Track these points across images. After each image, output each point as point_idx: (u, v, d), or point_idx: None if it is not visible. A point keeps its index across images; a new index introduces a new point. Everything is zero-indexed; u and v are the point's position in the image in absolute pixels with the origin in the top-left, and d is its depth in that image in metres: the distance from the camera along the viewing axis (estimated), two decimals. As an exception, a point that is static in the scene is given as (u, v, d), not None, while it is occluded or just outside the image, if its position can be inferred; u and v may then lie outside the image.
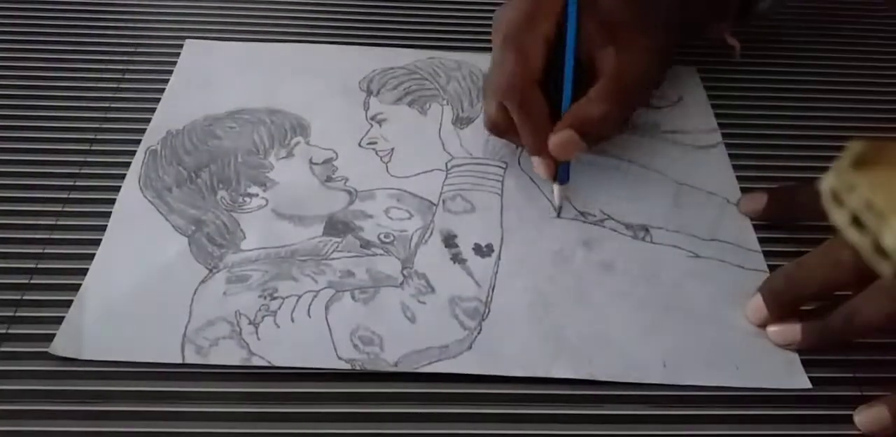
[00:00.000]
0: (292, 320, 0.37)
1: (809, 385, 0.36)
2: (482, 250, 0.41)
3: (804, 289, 0.36)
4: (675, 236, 0.42)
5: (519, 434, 0.34)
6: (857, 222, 0.24)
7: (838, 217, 0.25)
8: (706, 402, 0.36)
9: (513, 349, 0.37)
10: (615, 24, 0.42)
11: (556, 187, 0.42)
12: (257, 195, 0.43)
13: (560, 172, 0.42)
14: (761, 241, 0.42)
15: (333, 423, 0.34)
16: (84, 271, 0.39)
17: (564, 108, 0.41)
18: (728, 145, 0.47)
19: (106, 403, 0.34)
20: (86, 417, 0.34)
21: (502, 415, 0.35)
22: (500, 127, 0.43)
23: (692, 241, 0.42)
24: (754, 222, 0.43)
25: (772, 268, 0.41)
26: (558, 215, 0.42)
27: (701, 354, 0.37)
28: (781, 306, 0.37)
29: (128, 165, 0.44)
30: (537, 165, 0.42)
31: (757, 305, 0.38)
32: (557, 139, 0.40)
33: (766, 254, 0.41)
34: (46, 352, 0.35)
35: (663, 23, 0.43)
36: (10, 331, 0.37)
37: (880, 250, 0.24)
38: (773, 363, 0.37)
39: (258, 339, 0.36)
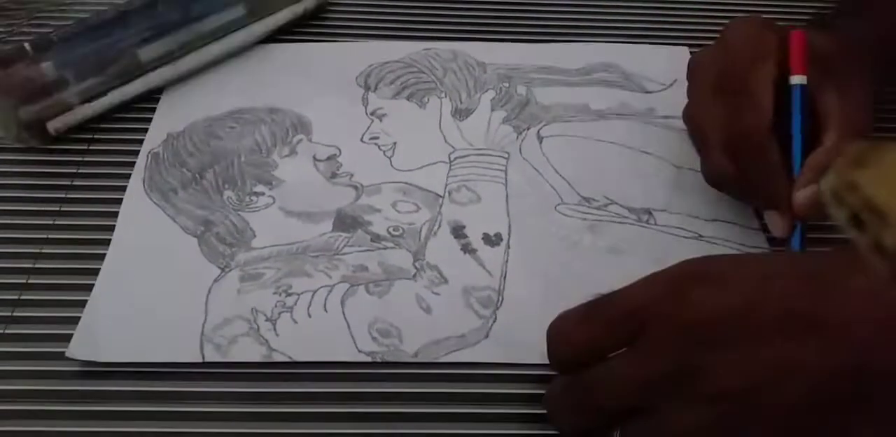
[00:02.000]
0: (309, 316, 0.37)
1: None
2: (491, 240, 0.41)
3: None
4: (678, 218, 0.43)
5: (521, 434, 0.34)
6: (857, 221, 0.25)
7: (838, 217, 0.25)
8: None
9: (529, 336, 0.37)
10: (833, 65, 0.39)
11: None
12: (264, 194, 0.43)
13: (797, 238, 0.38)
14: (760, 217, 0.43)
15: (341, 423, 0.34)
16: (81, 272, 0.39)
17: (796, 162, 0.38)
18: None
19: (105, 403, 0.35)
20: (84, 417, 0.34)
21: (504, 415, 0.35)
22: (728, 179, 0.39)
23: (694, 222, 0.42)
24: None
25: (771, 244, 0.41)
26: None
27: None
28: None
29: (125, 165, 0.44)
30: (773, 220, 0.39)
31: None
32: (805, 194, 0.36)
33: (765, 227, 0.42)
34: (44, 352, 0.36)
35: (873, 62, 0.41)
36: (7, 331, 0.37)
37: (880, 250, 0.24)
38: None
39: (277, 335, 0.37)
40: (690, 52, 0.51)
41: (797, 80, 0.39)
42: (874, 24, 0.42)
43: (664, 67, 0.50)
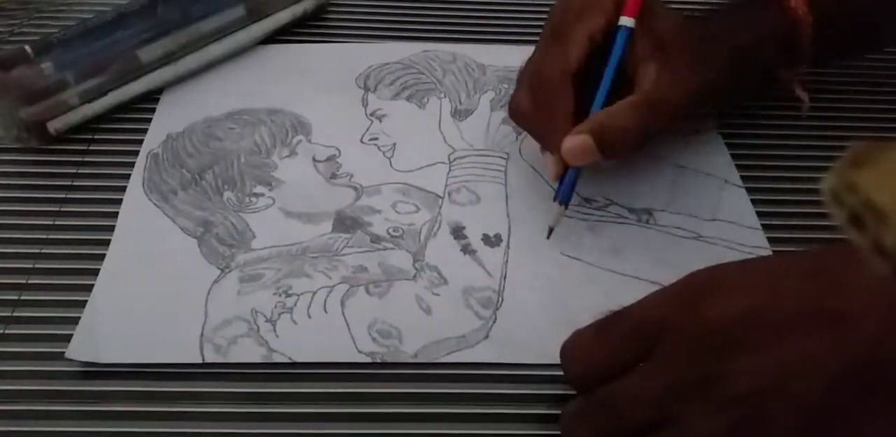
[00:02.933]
0: (309, 317, 0.37)
1: None
2: (491, 240, 0.41)
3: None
4: (678, 218, 0.43)
5: (519, 434, 0.34)
6: (856, 221, 0.25)
7: (838, 217, 0.25)
8: None
9: (529, 337, 0.37)
10: (669, 43, 0.40)
11: (554, 207, 0.40)
12: (264, 195, 0.43)
13: (563, 189, 0.40)
14: (761, 217, 0.43)
15: (341, 423, 0.34)
16: (81, 272, 0.39)
17: (598, 102, 0.40)
18: (723, 135, 0.47)
19: (105, 403, 0.35)
20: (84, 417, 0.34)
21: (503, 415, 0.35)
22: (522, 115, 0.41)
23: (694, 222, 0.43)
24: (752, 197, 0.44)
25: (771, 244, 0.41)
26: (548, 237, 0.40)
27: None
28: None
29: (125, 166, 0.44)
30: (549, 163, 0.41)
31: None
32: (571, 142, 0.38)
33: (766, 227, 0.42)
34: (44, 352, 0.36)
35: (722, 56, 0.42)
36: (7, 331, 0.37)
37: (880, 250, 0.24)
38: None
39: (277, 336, 0.37)
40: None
41: (623, 21, 0.40)
42: (742, 25, 0.43)
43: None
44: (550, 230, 0.40)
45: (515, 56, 0.51)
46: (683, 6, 0.54)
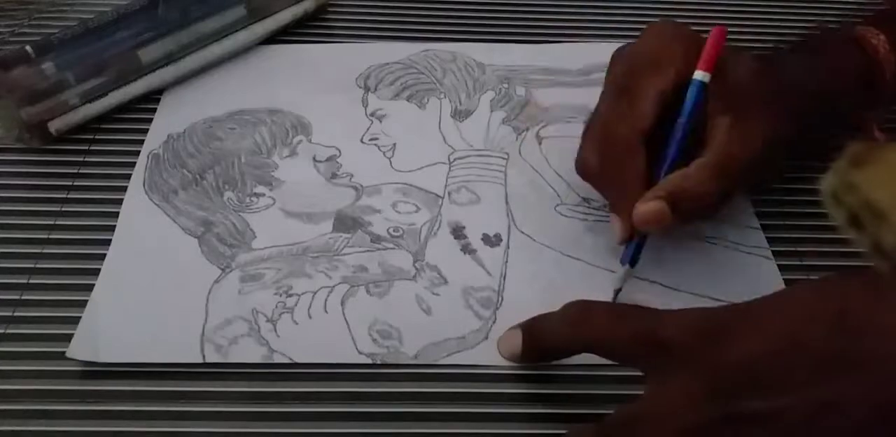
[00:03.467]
0: (310, 317, 0.38)
1: None
2: (491, 240, 0.41)
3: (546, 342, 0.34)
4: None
5: (519, 434, 0.35)
6: (856, 221, 0.25)
7: (837, 217, 0.25)
8: None
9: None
10: (741, 93, 0.39)
11: (621, 269, 0.38)
12: (264, 195, 0.43)
13: (631, 251, 0.38)
14: (761, 217, 0.43)
15: (341, 422, 0.34)
16: (82, 272, 0.39)
17: (662, 173, 0.38)
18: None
19: (106, 403, 0.35)
20: (85, 417, 0.34)
21: (503, 415, 0.35)
22: (592, 174, 0.40)
23: (694, 222, 0.43)
24: (751, 197, 0.44)
25: (771, 244, 0.41)
26: (614, 299, 0.38)
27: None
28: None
29: (126, 166, 0.44)
30: (615, 224, 0.39)
31: (512, 340, 0.35)
32: (646, 208, 0.37)
33: (766, 227, 0.42)
34: (45, 352, 0.36)
35: (802, 104, 0.40)
36: (8, 331, 0.37)
37: (879, 250, 0.24)
38: None
39: (277, 336, 0.37)
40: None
41: (698, 75, 0.39)
42: (821, 68, 0.41)
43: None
44: (616, 293, 0.38)
45: (515, 55, 0.51)
46: (752, 39, 0.53)
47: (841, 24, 0.43)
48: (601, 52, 0.51)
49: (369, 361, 0.36)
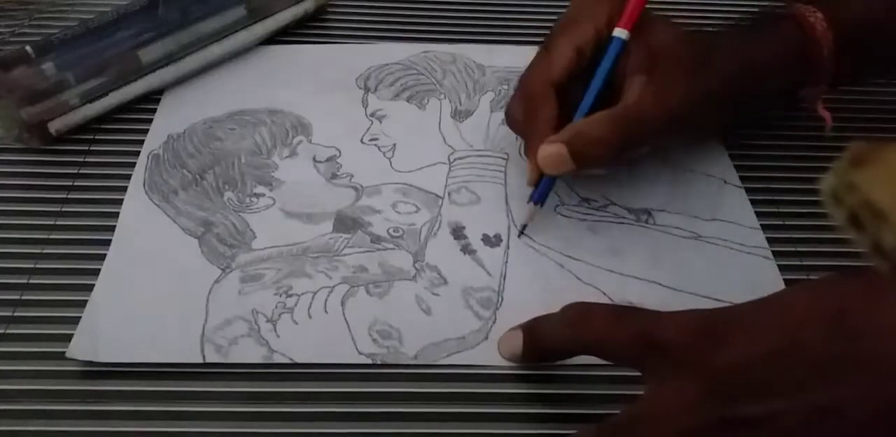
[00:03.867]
0: (310, 317, 0.37)
1: None
2: (491, 240, 0.41)
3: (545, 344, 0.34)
4: (677, 218, 0.43)
5: (519, 434, 0.35)
6: (856, 221, 0.25)
7: (838, 217, 0.25)
8: None
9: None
10: (662, 56, 0.40)
11: (528, 207, 0.41)
12: (264, 195, 0.43)
13: (539, 190, 0.41)
14: (761, 217, 0.43)
15: (341, 422, 0.35)
16: (82, 272, 0.39)
17: (582, 110, 0.40)
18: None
19: (106, 403, 0.35)
20: (85, 417, 0.34)
21: (502, 415, 0.35)
22: (514, 121, 0.42)
23: (693, 222, 0.43)
24: (751, 198, 0.44)
25: (771, 244, 0.42)
26: (520, 235, 0.41)
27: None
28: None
29: (126, 166, 0.44)
30: (527, 166, 0.41)
31: (512, 341, 0.35)
32: (545, 151, 0.38)
33: (765, 227, 0.42)
34: (45, 352, 0.36)
35: (729, 69, 0.41)
36: (8, 331, 0.37)
37: (879, 250, 0.24)
38: None
39: (277, 336, 0.37)
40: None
41: (617, 32, 0.40)
42: (756, 42, 0.42)
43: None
44: (523, 227, 0.41)
45: (515, 57, 0.51)
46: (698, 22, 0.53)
47: (781, 3, 0.43)
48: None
49: (369, 361, 0.36)
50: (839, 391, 0.27)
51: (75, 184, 0.43)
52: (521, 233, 0.41)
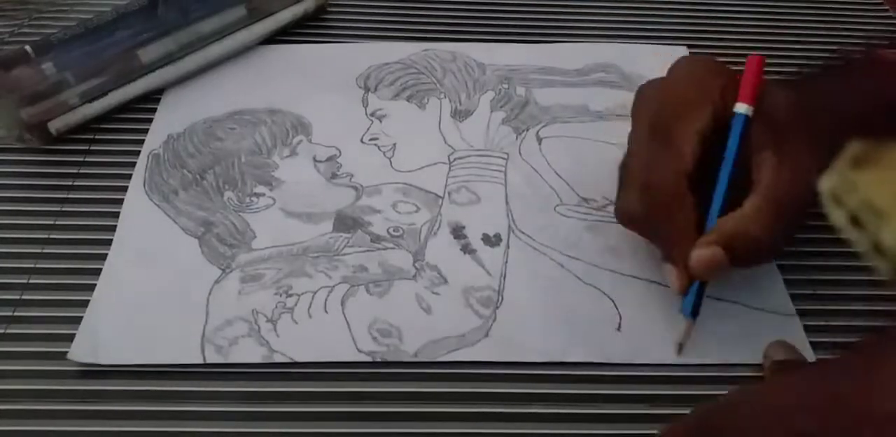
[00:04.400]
0: (310, 316, 0.38)
1: (814, 358, 0.37)
2: (490, 240, 0.41)
3: None
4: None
5: (519, 434, 0.35)
6: (856, 221, 0.25)
7: (838, 217, 0.25)
8: (705, 401, 0.36)
9: (528, 336, 0.37)
10: (784, 127, 0.36)
11: (684, 323, 0.37)
12: (264, 195, 0.43)
13: (691, 301, 0.36)
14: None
15: (342, 422, 0.35)
16: (82, 272, 0.39)
17: (711, 218, 0.36)
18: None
19: (106, 403, 0.35)
20: (85, 417, 0.34)
21: (502, 414, 0.35)
22: (637, 221, 0.38)
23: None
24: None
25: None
26: (678, 353, 0.37)
27: (713, 332, 0.38)
28: None
29: (127, 166, 0.44)
30: (669, 274, 0.37)
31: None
32: (702, 255, 0.35)
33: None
34: (46, 352, 0.36)
35: (838, 133, 0.36)
36: (8, 331, 0.37)
37: (879, 250, 0.24)
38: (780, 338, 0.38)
39: (277, 336, 0.37)
40: (689, 52, 0.52)
41: (741, 108, 0.37)
42: (850, 91, 0.39)
43: (663, 67, 0.50)
44: (681, 347, 0.37)
45: (515, 55, 0.51)
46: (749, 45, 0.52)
47: (862, 47, 0.41)
48: (601, 52, 0.52)
49: (369, 359, 0.36)
50: None
51: (75, 184, 0.43)
52: (680, 351, 0.37)
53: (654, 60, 0.50)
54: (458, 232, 0.42)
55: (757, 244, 0.35)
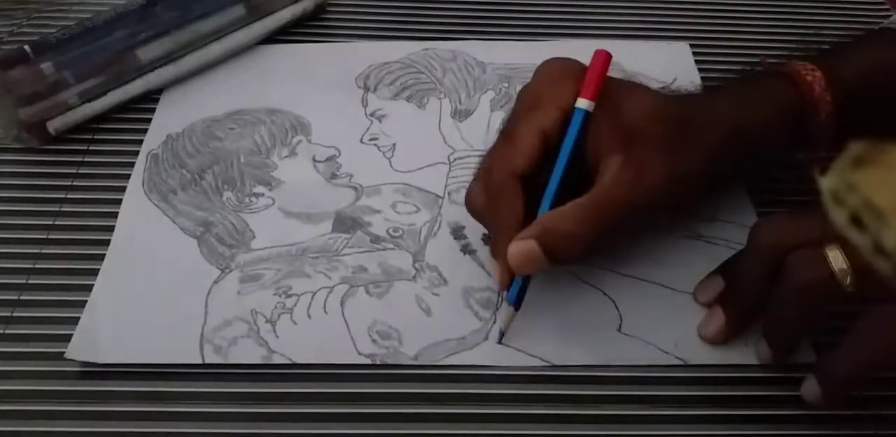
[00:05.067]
0: (309, 317, 0.37)
1: (814, 358, 0.37)
2: (490, 240, 0.41)
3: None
4: (677, 218, 0.43)
5: (519, 434, 0.35)
6: (856, 221, 0.25)
7: (838, 217, 0.25)
8: (705, 403, 0.36)
9: (528, 338, 0.37)
10: (637, 131, 0.36)
11: (503, 309, 0.37)
12: (263, 195, 0.43)
13: (512, 292, 0.36)
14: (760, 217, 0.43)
15: (341, 423, 0.35)
16: (81, 272, 0.39)
17: (540, 213, 0.36)
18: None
19: (105, 403, 0.35)
20: (84, 417, 0.34)
21: (502, 415, 0.35)
22: (477, 212, 0.38)
23: (693, 222, 0.42)
24: (752, 198, 0.43)
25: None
26: (499, 341, 0.37)
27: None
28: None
29: (126, 166, 0.44)
30: (493, 270, 0.38)
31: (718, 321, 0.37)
32: (515, 249, 0.34)
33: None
34: (44, 352, 0.36)
35: (716, 139, 0.37)
36: (7, 331, 0.37)
37: (880, 250, 0.24)
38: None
39: (276, 337, 0.37)
40: (691, 49, 0.51)
41: (581, 103, 0.36)
42: (747, 103, 0.39)
43: (664, 65, 0.50)
44: (502, 334, 0.37)
45: (516, 53, 0.51)
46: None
47: (781, 58, 0.40)
48: (601, 51, 0.51)
49: (369, 361, 0.36)
50: None
51: (74, 184, 0.43)
52: (500, 340, 0.37)
53: (655, 58, 0.51)
54: (458, 232, 0.41)
55: (571, 241, 0.35)
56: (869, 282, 0.31)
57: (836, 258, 0.32)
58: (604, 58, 0.38)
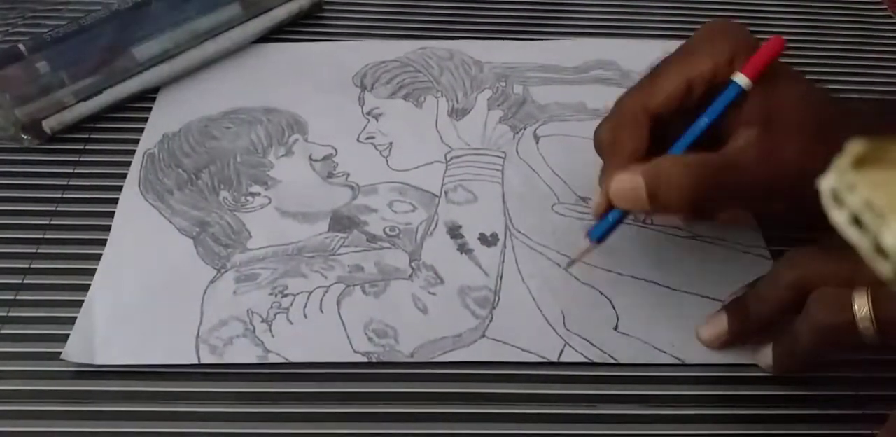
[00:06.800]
0: (305, 317, 0.37)
1: None
2: (487, 240, 0.41)
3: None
4: (675, 218, 0.42)
5: (518, 434, 0.34)
6: (857, 222, 0.24)
7: (838, 217, 0.25)
8: (701, 402, 0.36)
9: (525, 336, 0.37)
10: (783, 112, 0.35)
11: (583, 241, 0.37)
12: (260, 194, 0.43)
13: (599, 226, 0.36)
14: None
15: (338, 423, 0.34)
16: (77, 271, 0.39)
17: (678, 149, 0.35)
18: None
19: (102, 403, 0.35)
20: (81, 417, 0.34)
21: (499, 415, 0.35)
22: (597, 143, 0.37)
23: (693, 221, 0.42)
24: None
25: (769, 243, 0.41)
26: (566, 267, 0.39)
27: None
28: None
29: (122, 165, 0.44)
30: (594, 196, 0.37)
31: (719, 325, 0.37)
32: (620, 181, 0.34)
33: (764, 227, 0.42)
34: (41, 352, 0.36)
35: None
36: (2, 331, 0.37)
37: (880, 250, 0.24)
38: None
39: (272, 336, 0.37)
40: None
41: (738, 78, 0.35)
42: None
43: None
44: (572, 261, 0.38)
45: (513, 52, 0.51)
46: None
47: None
48: (599, 49, 0.51)
49: (364, 359, 0.36)
50: None
51: (70, 183, 0.43)
52: (568, 267, 0.38)
53: (653, 57, 0.50)
54: (454, 231, 0.41)
55: (675, 189, 0.34)
56: (893, 332, 0.31)
57: (862, 306, 0.31)
58: (778, 44, 0.37)
